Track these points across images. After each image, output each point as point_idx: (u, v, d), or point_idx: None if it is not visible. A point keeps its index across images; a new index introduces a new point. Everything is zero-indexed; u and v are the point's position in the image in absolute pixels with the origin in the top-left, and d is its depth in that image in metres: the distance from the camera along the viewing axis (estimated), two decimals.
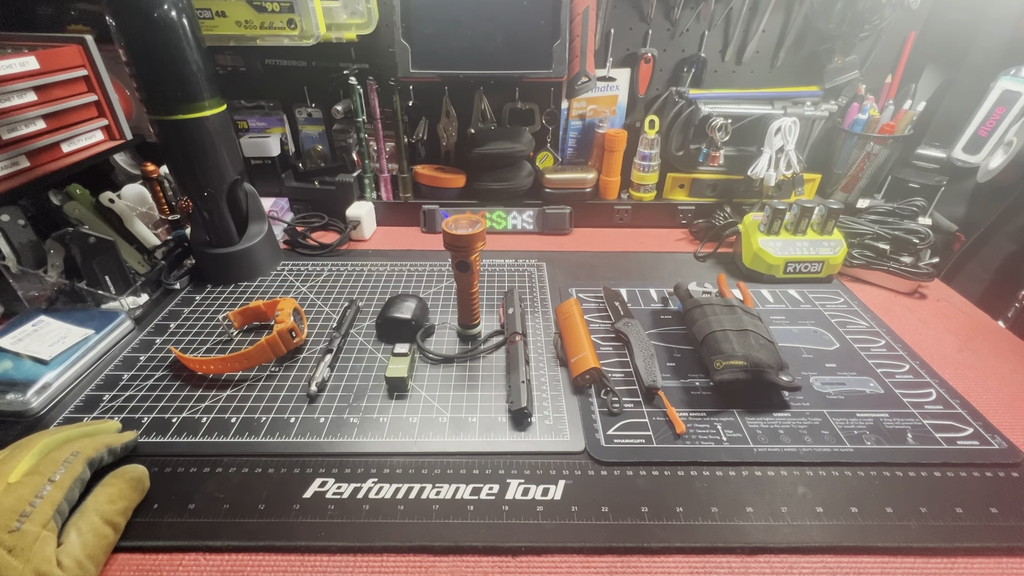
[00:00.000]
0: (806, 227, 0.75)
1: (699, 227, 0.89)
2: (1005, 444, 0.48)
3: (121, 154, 0.84)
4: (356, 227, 0.86)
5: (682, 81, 0.88)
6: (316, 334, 0.63)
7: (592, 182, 0.89)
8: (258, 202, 0.76)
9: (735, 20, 0.84)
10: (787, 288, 0.74)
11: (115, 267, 0.66)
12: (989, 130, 0.78)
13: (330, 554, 0.39)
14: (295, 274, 0.76)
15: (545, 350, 0.61)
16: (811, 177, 0.89)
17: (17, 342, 0.56)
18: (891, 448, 0.48)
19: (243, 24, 0.74)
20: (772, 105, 0.84)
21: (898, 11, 0.79)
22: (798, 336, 0.63)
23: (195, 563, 0.39)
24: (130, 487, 0.41)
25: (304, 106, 0.92)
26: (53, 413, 0.51)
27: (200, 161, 0.66)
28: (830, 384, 0.56)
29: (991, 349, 0.63)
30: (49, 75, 0.67)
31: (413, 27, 0.77)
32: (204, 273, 0.74)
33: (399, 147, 0.88)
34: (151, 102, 0.61)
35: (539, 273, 0.77)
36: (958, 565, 0.39)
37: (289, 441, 0.48)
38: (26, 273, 0.64)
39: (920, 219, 0.77)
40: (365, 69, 0.86)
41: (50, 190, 0.70)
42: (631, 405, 0.53)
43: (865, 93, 0.86)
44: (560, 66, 0.79)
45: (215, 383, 0.55)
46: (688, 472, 0.46)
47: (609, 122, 0.92)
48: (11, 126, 0.64)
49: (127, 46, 0.58)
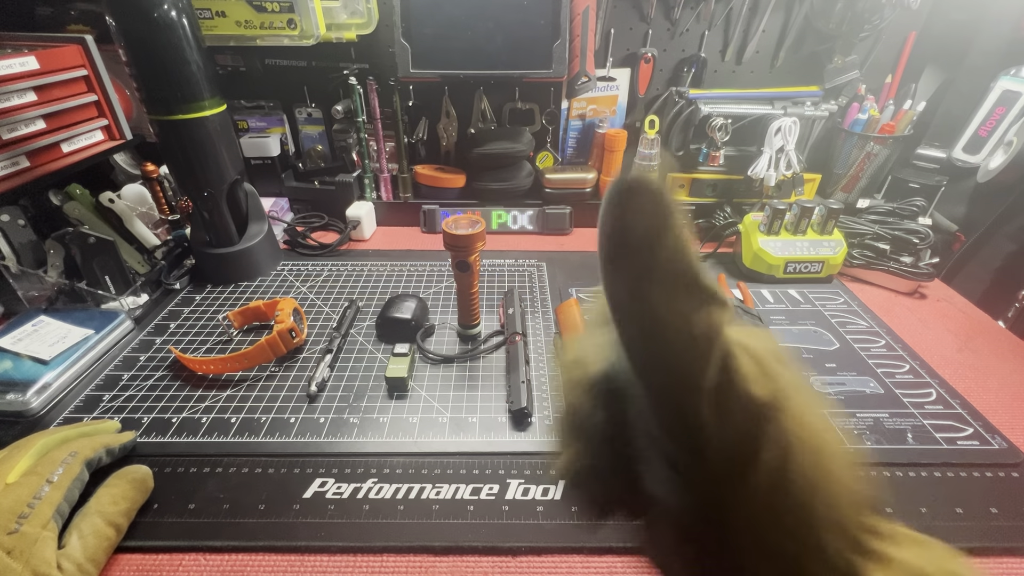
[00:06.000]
0: (806, 227, 0.75)
1: (699, 227, 0.89)
2: (1005, 444, 0.48)
3: (121, 154, 0.84)
4: (356, 227, 0.86)
5: (682, 81, 0.88)
6: (316, 334, 0.63)
7: (592, 182, 0.89)
8: (258, 202, 0.76)
9: (735, 20, 0.84)
10: (787, 288, 0.74)
11: (115, 267, 0.66)
12: (989, 130, 0.78)
13: (330, 554, 0.39)
14: (295, 274, 0.76)
15: (545, 350, 0.61)
16: (811, 177, 0.89)
17: (17, 342, 0.56)
18: (891, 448, 0.48)
19: (243, 24, 0.74)
20: (772, 105, 0.84)
21: (898, 11, 0.79)
22: (798, 336, 0.63)
23: (195, 563, 0.39)
24: (133, 488, 0.41)
25: (304, 106, 0.92)
26: (53, 413, 0.51)
27: (200, 161, 0.66)
28: (830, 384, 0.56)
29: (991, 349, 0.63)
30: (49, 75, 0.67)
31: (413, 27, 0.77)
32: (204, 273, 0.74)
33: (399, 147, 0.88)
34: (151, 102, 0.61)
35: (539, 273, 0.77)
36: None
37: (289, 441, 0.48)
38: (26, 273, 0.64)
39: (920, 219, 0.77)
40: (365, 69, 0.86)
41: (50, 190, 0.70)
42: None
43: (865, 93, 0.86)
44: (560, 66, 0.79)
45: (215, 383, 0.55)
46: None
47: (609, 122, 0.92)
48: (11, 126, 0.64)
49: (127, 46, 0.58)
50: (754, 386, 0.13)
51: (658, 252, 0.12)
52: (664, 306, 0.12)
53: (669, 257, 0.13)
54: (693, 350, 0.13)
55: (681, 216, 0.13)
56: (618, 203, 0.13)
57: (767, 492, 0.13)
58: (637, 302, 0.13)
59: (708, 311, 0.13)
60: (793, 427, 0.13)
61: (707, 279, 0.13)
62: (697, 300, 0.13)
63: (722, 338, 0.13)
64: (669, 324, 0.12)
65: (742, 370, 0.13)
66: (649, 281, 0.13)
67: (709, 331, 0.13)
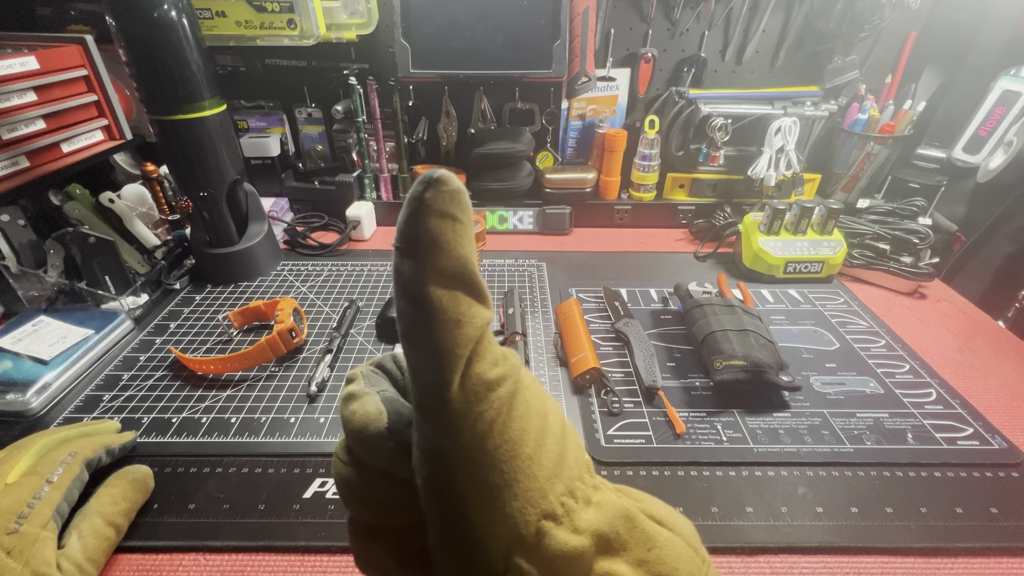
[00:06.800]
0: (806, 227, 0.75)
1: (699, 227, 0.89)
2: (1005, 444, 0.48)
3: (121, 154, 0.84)
4: (356, 227, 0.86)
5: (682, 81, 0.88)
6: (316, 334, 0.63)
7: (592, 182, 0.89)
8: (258, 202, 0.76)
9: (735, 20, 0.84)
10: (787, 288, 0.74)
11: (115, 267, 0.66)
12: (989, 130, 0.78)
13: (330, 554, 0.39)
14: (295, 274, 0.76)
15: (545, 350, 0.61)
16: (811, 177, 0.89)
17: (17, 342, 0.56)
18: (891, 448, 0.48)
19: (243, 24, 0.74)
20: (772, 105, 0.84)
21: (898, 11, 0.79)
22: (798, 336, 0.63)
23: (195, 563, 0.39)
24: (133, 488, 0.41)
25: (304, 106, 0.92)
26: (53, 413, 0.51)
27: (200, 161, 0.66)
28: (830, 384, 0.56)
29: (991, 349, 0.63)
30: (49, 75, 0.67)
31: (413, 27, 0.77)
32: (204, 273, 0.74)
33: (399, 147, 0.88)
34: (151, 102, 0.61)
35: (539, 273, 0.77)
36: (958, 565, 0.39)
37: (289, 441, 0.48)
38: (26, 273, 0.64)
39: (920, 219, 0.77)
40: (365, 69, 0.86)
41: (50, 190, 0.70)
42: (631, 405, 0.53)
43: (865, 93, 0.86)
44: (560, 66, 0.79)
45: (215, 383, 0.55)
46: (688, 472, 0.46)
47: (609, 122, 0.92)
48: (11, 126, 0.64)
49: (127, 46, 0.58)
50: (490, 369, 0.16)
51: (443, 251, 0.15)
52: (442, 294, 0.15)
53: (451, 257, 0.16)
54: (458, 328, 0.15)
55: (467, 216, 0.16)
56: (416, 199, 0.16)
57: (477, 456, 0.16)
58: (418, 285, 0.15)
59: (471, 302, 0.16)
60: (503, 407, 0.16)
61: (479, 280, 0.16)
62: (465, 291, 0.16)
63: (480, 327, 0.16)
64: (444, 306, 0.15)
65: (487, 357, 0.16)
66: (433, 273, 0.15)
67: (473, 318, 0.16)
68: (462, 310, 0.16)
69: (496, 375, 0.16)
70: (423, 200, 0.15)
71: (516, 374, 0.17)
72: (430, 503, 0.17)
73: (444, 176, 0.15)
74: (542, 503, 0.16)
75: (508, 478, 0.16)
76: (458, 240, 0.16)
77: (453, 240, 0.16)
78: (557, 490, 0.16)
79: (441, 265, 0.15)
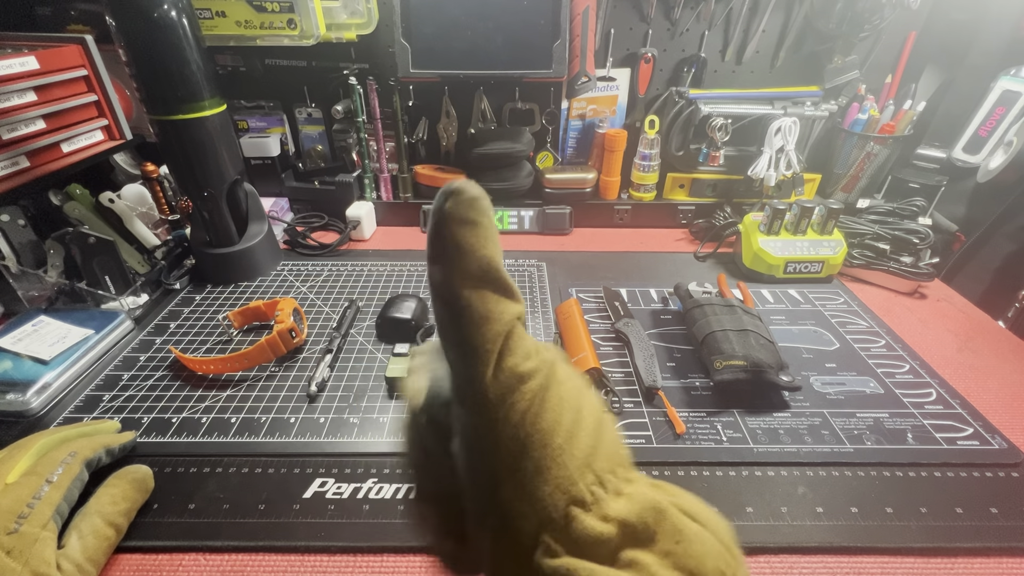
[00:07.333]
0: (806, 227, 0.75)
1: (699, 227, 0.89)
2: (1005, 444, 0.48)
3: (121, 154, 0.84)
4: (356, 227, 0.86)
5: (682, 81, 0.88)
6: (316, 334, 0.63)
7: (592, 182, 0.89)
8: (258, 202, 0.76)
9: (735, 20, 0.84)
10: (787, 288, 0.74)
11: (115, 267, 0.66)
12: (989, 130, 0.78)
13: (330, 554, 0.39)
14: (295, 274, 0.76)
15: None
16: (811, 177, 0.89)
17: (17, 342, 0.56)
18: (891, 448, 0.48)
19: (243, 24, 0.74)
20: (772, 105, 0.84)
21: (898, 11, 0.79)
22: (798, 336, 0.63)
23: (195, 563, 0.39)
24: (133, 488, 0.41)
25: (304, 106, 0.92)
26: (53, 413, 0.51)
27: (200, 161, 0.66)
28: (830, 384, 0.56)
29: (991, 349, 0.63)
30: (49, 75, 0.67)
31: (413, 27, 0.77)
32: (204, 273, 0.74)
33: (399, 147, 0.87)
34: (151, 102, 0.61)
35: (539, 273, 0.77)
36: (958, 565, 0.39)
37: (289, 441, 0.48)
38: (26, 273, 0.64)
39: (920, 219, 0.77)
40: (365, 69, 0.86)
41: (50, 190, 0.70)
42: (631, 405, 0.53)
43: (865, 93, 0.86)
44: (560, 66, 0.79)
45: (215, 383, 0.55)
46: (688, 472, 0.46)
47: (609, 122, 0.92)
48: (11, 126, 0.64)
49: (127, 46, 0.58)
50: (523, 362, 0.17)
51: (467, 254, 0.17)
52: (470, 294, 0.17)
53: (475, 258, 0.17)
54: (486, 324, 0.17)
55: (487, 219, 0.17)
56: (438, 211, 0.17)
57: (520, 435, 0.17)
58: (448, 288, 0.17)
59: (499, 299, 0.17)
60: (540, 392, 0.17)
61: (505, 277, 0.17)
62: (492, 289, 0.17)
63: (508, 323, 0.17)
64: (472, 305, 0.17)
65: (518, 351, 0.17)
66: (460, 275, 0.17)
67: (501, 314, 0.17)
68: (489, 307, 0.17)
69: (528, 368, 0.17)
70: (444, 211, 0.17)
71: (548, 368, 0.18)
72: (468, 482, 0.18)
73: (462, 186, 0.17)
74: (572, 490, 0.17)
75: (540, 465, 0.17)
76: (480, 243, 0.17)
77: (476, 243, 0.17)
78: (587, 479, 0.17)
79: (466, 267, 0.17)
